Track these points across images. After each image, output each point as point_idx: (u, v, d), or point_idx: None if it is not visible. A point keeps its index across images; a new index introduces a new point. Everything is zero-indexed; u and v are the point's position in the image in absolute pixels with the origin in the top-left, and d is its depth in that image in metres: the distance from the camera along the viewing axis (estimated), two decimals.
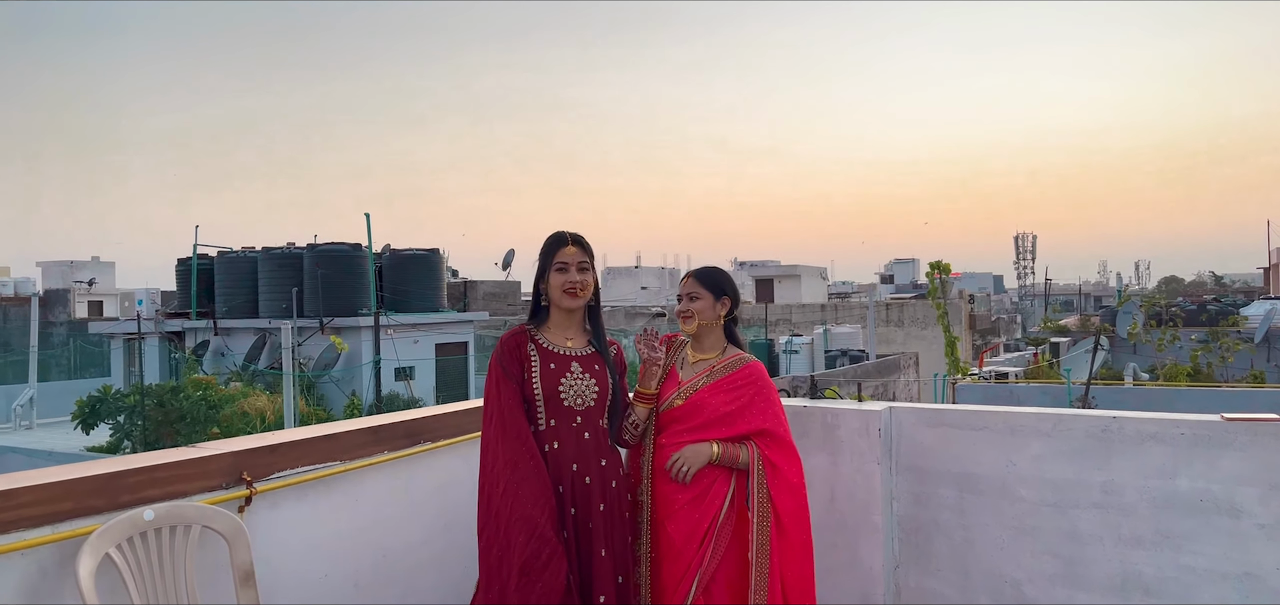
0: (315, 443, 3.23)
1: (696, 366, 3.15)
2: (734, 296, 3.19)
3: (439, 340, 18.85)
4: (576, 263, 2.96)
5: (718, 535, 2.94)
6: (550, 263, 2.96)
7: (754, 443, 2.99)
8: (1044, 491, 3.41)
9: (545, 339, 2.98)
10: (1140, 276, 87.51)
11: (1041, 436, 3.42)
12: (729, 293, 3.17)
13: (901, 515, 3.70)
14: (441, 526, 3.60)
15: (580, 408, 2.95)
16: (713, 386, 3.07)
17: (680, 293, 3.20)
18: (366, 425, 3.48)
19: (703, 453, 2.97)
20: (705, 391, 3.06)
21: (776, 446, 3.00)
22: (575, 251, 2.96)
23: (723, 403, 3.02)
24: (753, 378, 3.08)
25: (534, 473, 2.82)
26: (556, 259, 2.94)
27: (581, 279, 2.95)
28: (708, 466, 2.97)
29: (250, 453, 3.03)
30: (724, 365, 3.12)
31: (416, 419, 3.68)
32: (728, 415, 3.01)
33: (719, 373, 3.10)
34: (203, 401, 12.26)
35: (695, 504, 2.96)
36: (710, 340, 3.17)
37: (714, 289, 3.15)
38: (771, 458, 2.98)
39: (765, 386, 3.08)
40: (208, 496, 2.91)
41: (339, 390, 16.17)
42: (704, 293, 3.14)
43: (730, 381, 3.07)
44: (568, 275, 2.94)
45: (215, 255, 20.46)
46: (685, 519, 2.95)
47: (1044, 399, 10.98)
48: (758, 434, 3.00)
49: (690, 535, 2.93)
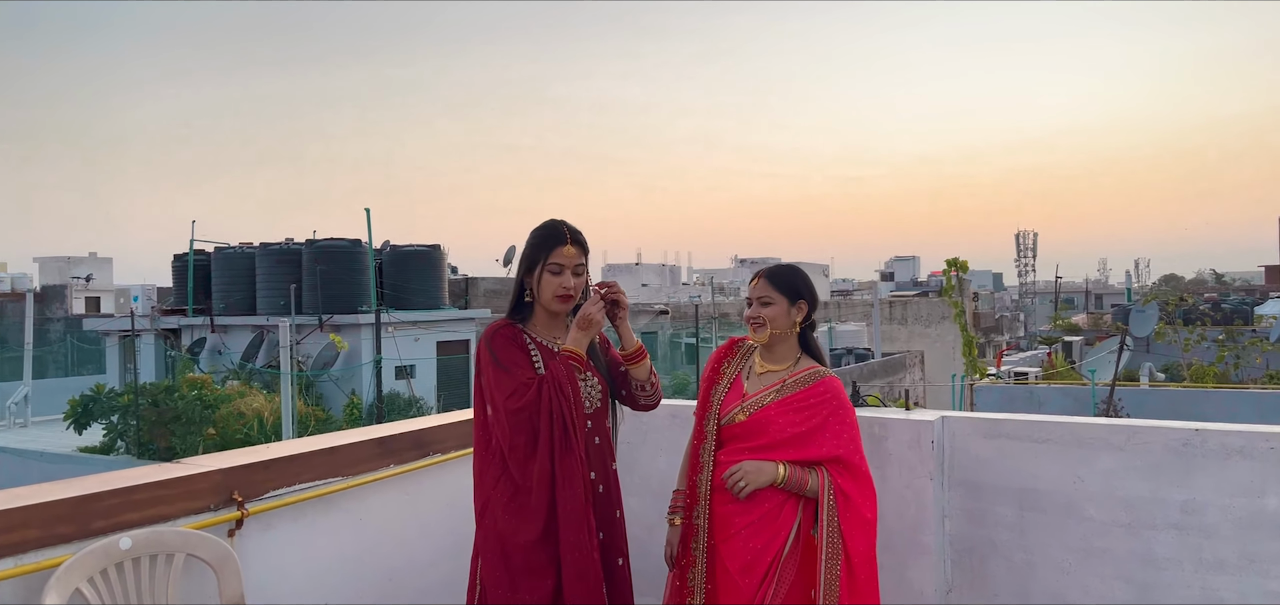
0: (314, 457, 2.93)
1: (764, 379, 2.83)
2: (812, 301, 2.87)
3: (440, 338, 18.54)
4: (573, 266, 2.64)
5: (782, 571, 2.63)
6: (543, 260, 2.63)
7: (826, 470, 2.68)
8: (1115, 510, 3.11)
9: (537, 336, 2.68)
10: (1140, 274, 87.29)
11: (1113, 450, 3.11)
12: (806, 297, 2.85)
13: (954, 535, 3.39)
14: (452, 546, 3.29)
15: (589, 410, 2.66)
16: (782, 403, 2.75)
17: (749, 296, 2.87)
18: (371, 436, 3.18)
19: (766, 472, 2.66)
20: (773, 409, 2.74)
21: (851, 476, 2.69)
22: (573, 253, 2.64)
23: (792, 423, 2.71)
24: (829, 396, 2.75)
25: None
26: (552, 258, 2.62)
27: (576, 284, 2.65)
28: (771, 489, 2.66)
29: (241, 470, 2.74)
30: (796, 380, 2.79)
31: (425, 429, 3.38)
32: (797, 437, 2.70)
33: (790, 388, 2.78)
34: (198, 401, 11.94)
35: (756, 529, 2.65)
36: (782, 349, 2.84)
37: (789, 292, 2.82)
38: (845, 488, 2.66)
39: (842, 407, 2.76)
40: (193, 520, 2.61)
41: (338, 389, 15.85)
42: (778, 297, 2.80)
43: (802, 399, 2.75)
44: (562, 279, 2.62)
45: (212, 251, 20.14)
46: (743, 546, 2.65)
47: (1066, 401, 10.70)
48: (830, 460, 2.69)
49: (749, 565, 2.62)
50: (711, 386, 2.91)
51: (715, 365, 2.96)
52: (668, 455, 3.95)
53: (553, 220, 2.69)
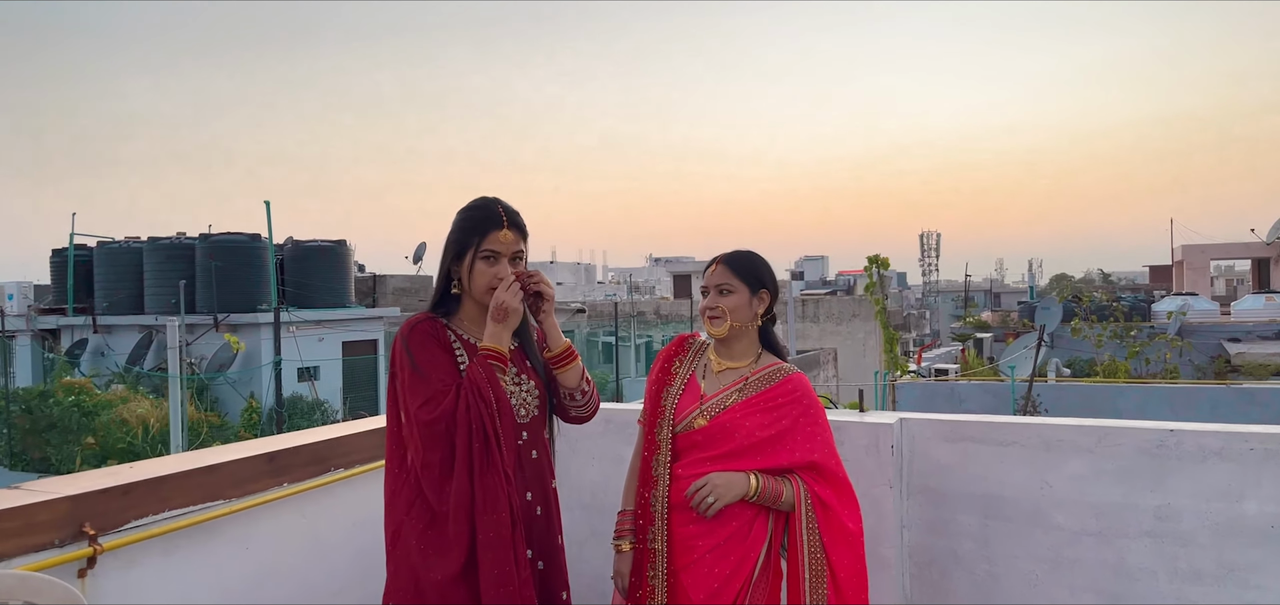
0: (189, 478, 2.47)
1: (723, 378, 2.50)
2: (774, 290, 2.56)
3: (346, 338, 17.70)
4: (510, 252, 2.26)
5: (752, 597, 2.31)
6: (476, 245, 2.24)
7: (800, 478, 2.37)
8: (1085, 518, 2.90)
9: (465, 332, 2.29)
10: (1033, 273, 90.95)
11: (1082, 453, 2.91)
12: (769, 286, 2.54)
13: (913, 546, 3.14)
14: (359, 575, 2.88)
15: (524, 419, 2.29)
16: (746, 404, 2.42)
17: (705, 284, 2.54)
18: (260, 451, 2.73)
19: (737, 485, 2.33)
20: (737, 411, 2.42)
21: (829, 483, 2.39)
22: (511, 238, 2.25)
23: (759, 425, 2.39)
24: (798, 394, 2.44)
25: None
26: (486, 243, 2.23)
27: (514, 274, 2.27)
28: (739, 505, 2.33)
29: (94, 497, 2.26)
30: (760, 377, 2.48)
31: (326, 441, 2.94)
32: (765, 442, 2.38)
33: (754, 386, 2.46)
34: (75, 408, 10.95)
35: (723, 552, 2.32)
36: (742, 345, 2.52)
37: (751, 280, 2.50)
38: (824, 497, 2.36)
39: (813, 406, 2.45)
40: (33, 560, 2.13)
41: (236, 393, 14.91)
42: (739, 285, 2.48)
43: (769, 398, 2.43)
44: (498, 268, 2.23)
45: (95, 246, 18.75)
46: (709, 571, 2.31)
47: (986, 397, 10.78)
48: (804, 466, 2.38)
49: (717, 593, 2.29)
50: (662, 389, 2.56)
51: (665, 365, 2.61)
52: (601, 464, 3.60)
53: (486, 199, 2.30)
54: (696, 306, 23.82)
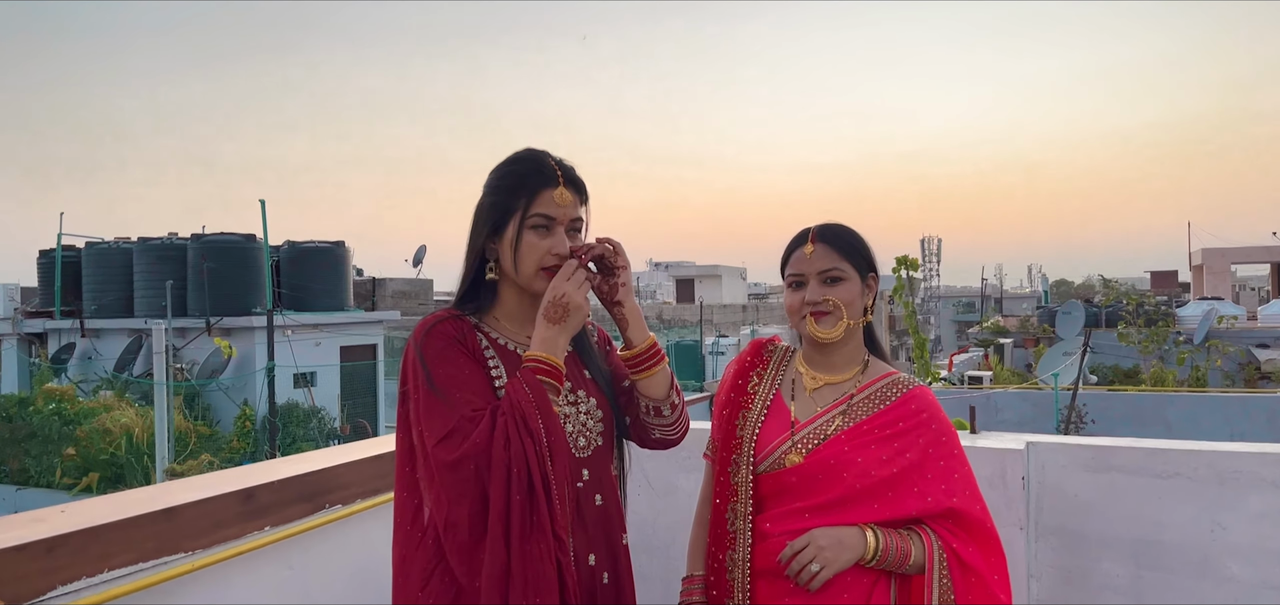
0: (138, 526, 1.89)
1: (821, 396, 1.90)
2: (878, 275, 1.98)
3: (344, 342, 17.09)
4: (568, 220, 1.68)
5: None
6: (521, 212, 1.65)
7: (932, 531, 1.77)
8: (1270, 569, 2.33)
9: (501, 335, 1.71)
10: (1032, 279, 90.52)
11: (1268, 488, 2.33)
12: (876, 269, 1.96)
13: (1044, 601, 2.56)
14: None
15: (584, 452, 1.71)
16: (856, 432, 1.82)
17: (799, 271, 1.91)
18: (233, 487, 2.14)
19: (850, 544, 1.73)
20: (843, 441, 1.82)
21: (972, 538, 1.77)
22: (570, 200, 1.67)
23: (875, 461, 1.79)
24: (923, 415, 1.84)
25: None
26: (537, 207, 1.65)
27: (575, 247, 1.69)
28: (854, 570, 1.74)
29: (10, 556, 1.68)
30: (870, 394, 1.88)
31: (317, 471, 2.35)
32: (884, 483, 1.78)
33: (864, 407, 1.86)
34: (56, 416, 10.34)
35: None
36: (846, 351, 1.92)
37: (860, 262, 1.91)
38: (965, 558, 1.75)
39: (944, 432, 1.84)
40: None
41: (229, 400, 14.30)
42: (849, 269, 1.89)
43: (885, 423, 1.83)
44: (553, 241, 1.66)
45: (83, 247, 18.13)
46: None
47: (1026, 406, 10.18)
48: (940, 516, 1.77)
49: None
50: (737, 413, 1.95)
51: (738, 380, 2.00)
52: (648, 495, 3.02)
53: (532, 150, 1.72)
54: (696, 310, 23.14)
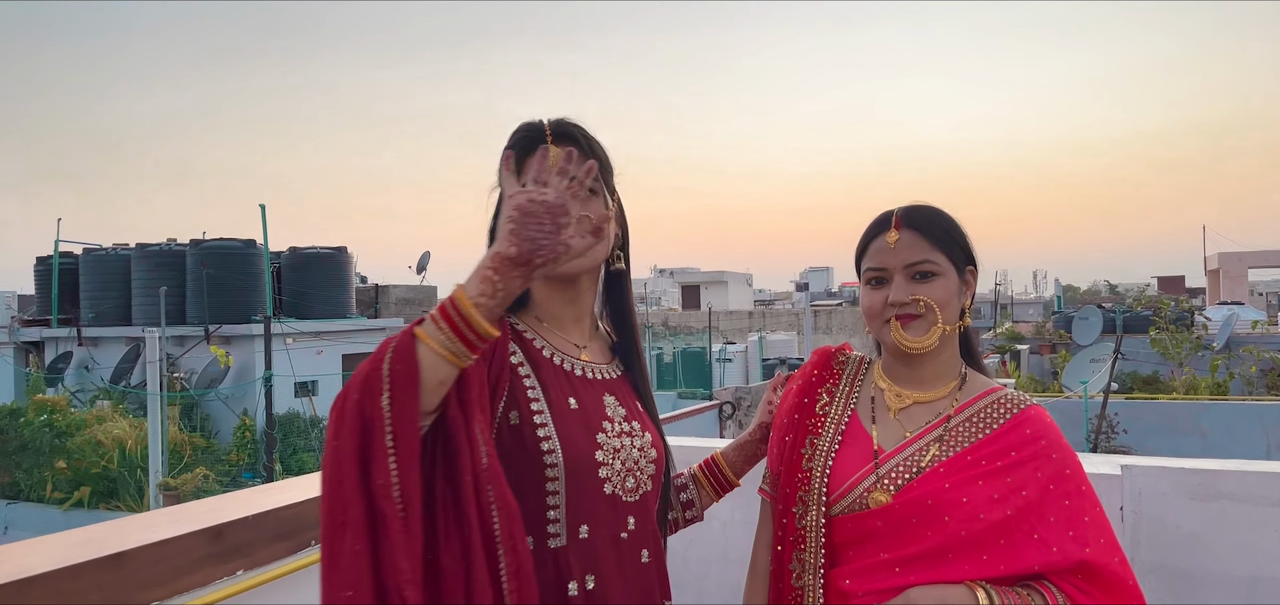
0: (79, 576, 1.56)
1: (911, 417, 1.54)
2: (976, 269, 1.63)
3: (347, 350, 16.77)
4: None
5: None
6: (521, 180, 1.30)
7: (1058, 591, 1.40)
8: None
9: (541, 340, 1.39)
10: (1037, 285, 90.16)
11: None
12: (976, 263, 1.61)
13: None
14: None
15: (632, 496, 1.38)
16: (958, 464, 1.46)
17: (881, 264, 1.56)
18: (199, 524, 1.82)
19: None
20: (943, 475, 1.45)
21: (1108, 599, 1.40)
22: (558, 155, 1.30)
23: (984, 501, 1.42)
24: (1041, 441, 1.47)
25: None
26: (529, 174, 1.28)
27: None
28: None
29: None
30: (970, 414, 1.52)
31: (299, 503, 2.02)
32: (996, 528, 1.41)
33: (964, 431, 1.49)
34: (47, 428, 10.03)
35: None
36: (940, 361, 1.56)
37: (957, 253, 1.56)
38: None
39: (1067, 462, 1.47)
40: None
41: (228, 410, 13.97)
42: (944, 262, 1.53)
43: (994, 450, 1.45)
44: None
45: (81, 254, 17.85)
46: None
47: (1053, 416, 9.82)
48: (1068, 571, 1.40)
49: None
50: (802, 438, 1.59)
51: (804, 399, 1.63)
52: (684, 539, 2.68)
53: (526, 121, 1.43)
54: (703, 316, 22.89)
